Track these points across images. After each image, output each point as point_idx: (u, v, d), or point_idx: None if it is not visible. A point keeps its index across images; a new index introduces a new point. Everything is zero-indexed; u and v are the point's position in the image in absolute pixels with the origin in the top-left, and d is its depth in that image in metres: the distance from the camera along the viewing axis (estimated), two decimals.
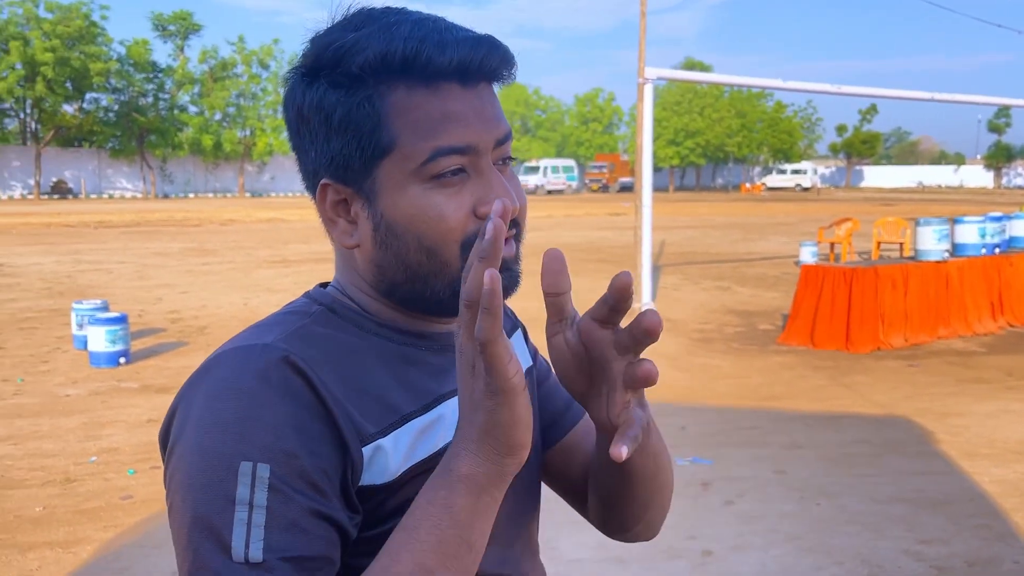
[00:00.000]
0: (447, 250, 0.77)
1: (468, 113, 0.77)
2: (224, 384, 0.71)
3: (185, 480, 0.70)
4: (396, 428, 0.76)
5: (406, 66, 0.75)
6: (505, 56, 0.79)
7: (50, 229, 22.45)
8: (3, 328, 8.38)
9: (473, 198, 0.77)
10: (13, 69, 43.16)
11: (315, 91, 0.77)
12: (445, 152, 0.75)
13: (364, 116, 0.76)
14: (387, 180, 0.77)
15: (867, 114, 77.19)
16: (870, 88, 11.04)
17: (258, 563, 0.66)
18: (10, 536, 3.62)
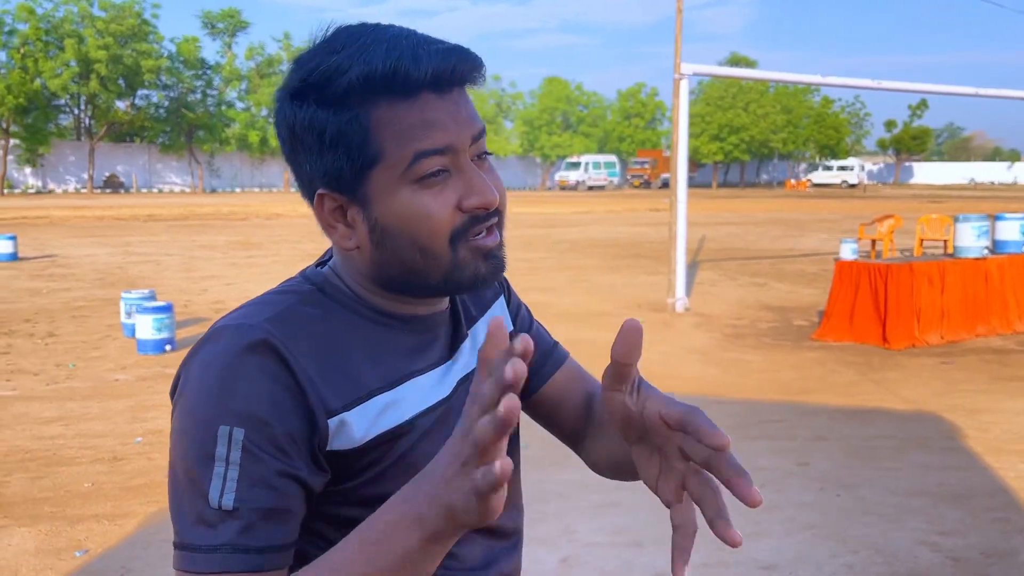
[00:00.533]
0: (438, 245, 0.86)
1: (444, 118, 0.85)
2: (214, 357, 0.83)
3: (178, 437, 0.83)
4: (361, 403, 0.86)
5: (387, 83, 0.83)
6: (475, 63, 0.87)
7: (103, 222, 23.12)
8: (57, 316, 8.73)
9: (456, 194, 0.85)
10: (68, 66, 44.39)
11: (305, 111, 0.85)
12: (426, 154, 0.84)
13: (353, 132, 0.84)
14: (378, 187, 0.85)
15: (917, 109, 75.60)
16: (912, 83, 10.90)
17: (229, 510, 0.79)
18: (61, 509, 3.83)
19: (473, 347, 1.00)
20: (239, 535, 0.80)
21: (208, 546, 0.79)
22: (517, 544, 1.04)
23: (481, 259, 0.89)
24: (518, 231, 20.61)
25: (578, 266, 13.28)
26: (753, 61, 69.11)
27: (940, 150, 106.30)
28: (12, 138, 44.72)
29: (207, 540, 0.79)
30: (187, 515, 0.81)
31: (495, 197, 0.87)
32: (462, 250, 0.87)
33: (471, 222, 0.87)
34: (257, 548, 0.80)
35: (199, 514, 0.80)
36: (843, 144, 68.58)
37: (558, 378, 1.09)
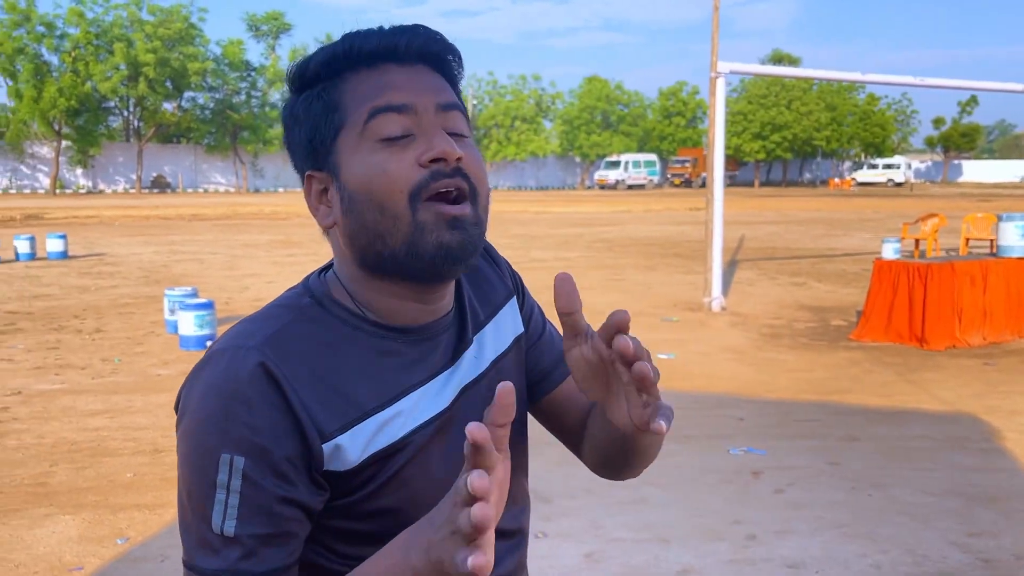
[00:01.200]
0: (396, 202, 0.85)
1: (403, 82, 0.88)
2: (214, 383, 0.85)
3: (182, 460, 0.86)
4: (355, 425, 0.87)
5: (347, 58, 0.89)
6: (430, 36, 0.90)
7: (149, 221, 23.64)
8: (104, 313, 8.98)
9: (416, 152, 0.86)
10: (117, 69, 45.42)
11: (288, 104, 0.93)
12: (382, 109, 0.86)
13: (321, 105, 0.89)
14: (344, 150, 0.88)
15: (967, 106, 73.90)
16: (956, 80, 10.70)
17: (231, 537, 0.83)
18: (104, 498, 3.97)
19: (479, 355, 0.99)
20: (240, 560, 0.83)
21: (211, 570, 0.83)
22: (520, 543, 1.04)
23: (444, 226, 0.86)
24: (555, 230, 20.61)
25: (614, 265, 13.27)
26: (796, 58, 68.15)
27: (991, 148, 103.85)
28: (64, 140, 45.89)
29: (210, 564, 0.83)
30: (192, 536, 0.85)
31: (455, 150, 0.85)
32: (422, 211, 0.85)
33: (431, 177, 0.85)
34: (257, 572, 0.83)
35: (202, 537, 0.84)
36: (889, 142, 67.31)
37: (567, 385, 1.09)
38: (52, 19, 44.77)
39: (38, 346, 7.30)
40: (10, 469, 4.33)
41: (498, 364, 1.00)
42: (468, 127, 0.92)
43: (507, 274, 1.09)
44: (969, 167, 79.30)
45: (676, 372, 6.43)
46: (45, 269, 12.84)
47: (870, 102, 66.14)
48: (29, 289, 10.73)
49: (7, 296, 10.14)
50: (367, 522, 0.91)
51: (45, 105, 43.29)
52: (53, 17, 44.86)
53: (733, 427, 5.07)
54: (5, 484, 4.12)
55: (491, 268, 1.07)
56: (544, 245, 16.58)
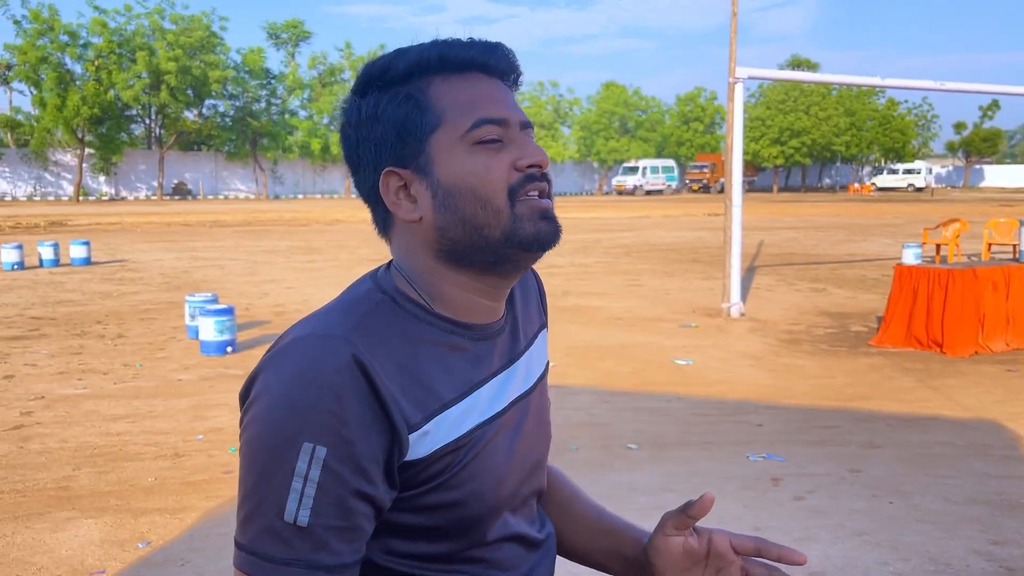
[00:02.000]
0: (497, 197, 0.92)
1: (498, 95, 0.95)
2: (300, 370, 0.85)
3: (257, 442, 0.85)
4: (437, 415, 0.90)
5: (440, 63, 0.93)
6: (515, 61, 0.98)
7: (170, 228, 23.86)
8: (126, 318, 9.07)
9: (511, 156, 0.93)
10: (140, 78, 45.90)
11: (368, 100, 0.95)
12: (486, 121, 0.92)
13: (413, 104, 0.93)
14: (438, 150, 0.92)
15: (988, 110, 73.21)
16: (977, 84, 10.59)
17: (303, 528, 0.83)
18: (125, 502, 4.00)
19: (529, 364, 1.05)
20: (312, 552, 0.83)
21: (282, 559, 0.83)
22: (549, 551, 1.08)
23: (539, 217, 0.94)
24: (573, 236, 20.60)
25: (632, 271, 13.24)
26: (815, 63, 67.78)
27: (1013, 152, 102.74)
28: (87, 147, 46.43)
29: (280, 553, 0.83)
30: (257, 523, 0.84)
31: (546, 157, 0.95)
32: (520, 205, 0.93)
33: (526, 180, 0.93)
34: (328, 566, 0.84)
35: (270, 524, 0.83)
36: (909, 147, 66.75)
37: None
38: (75, 28, 45.34)
39: (61, 351, 7.39)
40: (33, 472, 4.38)
41: (541, 380, 1.08)
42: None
43: (545, 310, 1.16)
44: (991, 172, 78.46)
45: (695, 378, 6.41)
46: (68, 275, 12.99)
47: (890, 107, 65.65)
48: (53, 295, 10.86)
49: (31, 302, 10.27)
50: (426, 515, 0.92)
51: (68, 113, 43.82)
52: (76, 26, 45.44)
53: (752, 433, 5.04)
54: (28, 487, 4.17)
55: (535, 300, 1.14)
56: (561, 251, 16.57)
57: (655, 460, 4.57)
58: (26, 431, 5.09)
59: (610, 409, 5.60)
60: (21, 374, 6.55)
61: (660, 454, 4.68)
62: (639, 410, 5.54)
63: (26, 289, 11.41)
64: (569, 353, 7.19)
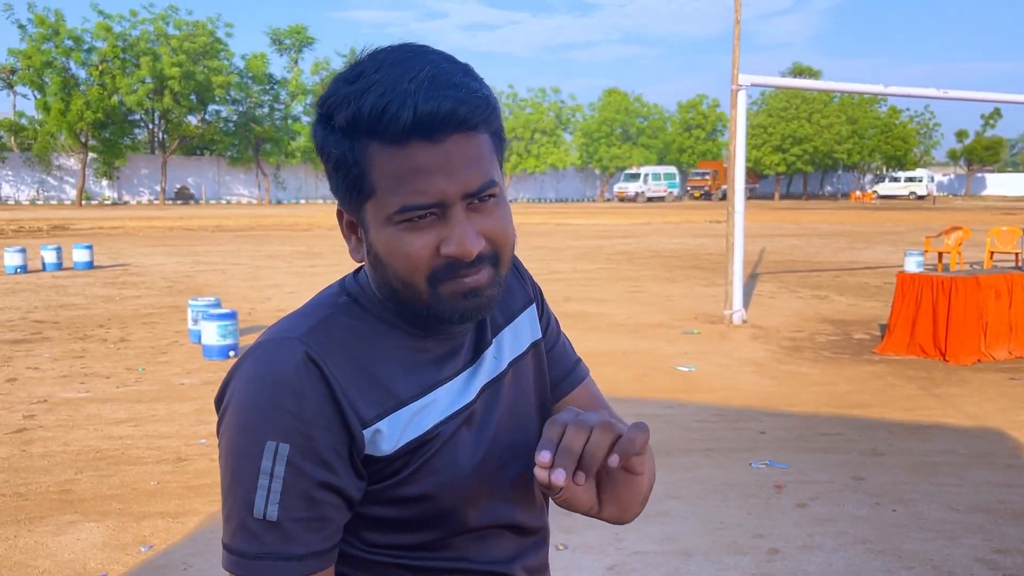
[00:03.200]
0: (416, 282, 0.90)
1: (434, 168, 0.85)
2: (259, 373, 0.90)
3: (228, 446, 0.91)
4: (392, 412, 0.92)
5: (373, 127, 0.85)
6: (471, 109, 0.86)
7: (173, 232, 23.89)
8: (129, 322, 9.07)
9: (438, 238, 0.88)
10: (143, 83, 46.03)
11: (320, 133, 0.91)
12: (411, 208, 0.86)
13: (350, 164, 0.88)
14: (371, 218, 0.90)
15: (990, 119, 73.30)
16: (979, 92, 10.61)
17: (273, 522, 0.87)
18: (127, 506, 4.00)
19: (497, 354, 1.04)
20: (282, 544, 0.87)
21: (253, 553, 0.87)
22: (543, 541, 1.10)
23: (461, 297, 0.90)
24: (575, 242, 20.60)
25: (634, 277, 13.24)
26: (817, 71, 67.87)
27: (1015, 160, 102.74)
28: (90, 152, 46.52)
29: (252, 548, 0.87)
30: (233, 521, 0.88)
31: (473, 249, 0.88)
32: (442, 288, 0.90)
33: (448, 268, 0.89)
34: (298, 556, 0.88)
35: (243, 522, 0.87)
36: (911, 155, 66.80)
37: (573, 396, 1.13)
38: (80, 33, 45.50)
39: (64, 355, 7.39)
40: (36, 476, 4.38)
41: (516, 364, 1.06)
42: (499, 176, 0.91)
43: (529, 284, 1.13)
44: (993, 180, 78.48)
45: (697, 385, 6.41)
46: (71, 279, 13.00)
47: (892, 115, 65.74)
48: (55, 298, 10.88)
49: (34, 305, 10.28)
50: (397, 508, 0.95)
51: (72, 117, 43.93)
52: (81, 31, 45.60)
53: (755, 440, 5.04)
54: (31, 491, 4.17)
55: (515, 278, 1.12)
56: (563, 257, 16.58)
57: (658, 467, 4.56)
58: (28, 434, 5.09)
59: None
60: (24, 377, 6.55)
61: (662, 461, 4.67)
62: (641, 416, 5.53)
63: (29, 293, 11.42)
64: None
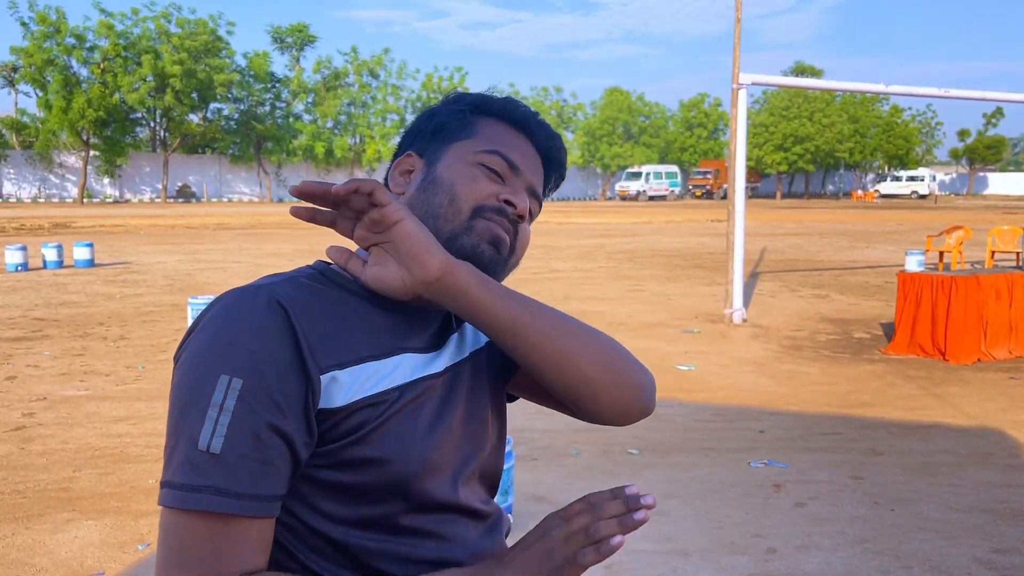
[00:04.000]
0: (465, 203, 1.01)
1: (528, 155, 1.08)
2: (222, 313, 0.91)
3: (178, 383, 0.90)
4: (352, 365, 0.93)
5: (502, 109, 1.09)
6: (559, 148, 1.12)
7: (174, 230, 23.89)
8: (129, 320, 9.08)
9: (499, 189, 1.04)
10: (145, 81, 46.02)
11: (432, 107, 1.12)
12: (501, 155, 1.05)
13: (460, 118, 1.08)
14: (451, 152, 1.05)
15: (992, 118, 73.19)
16: (981, 91, 10.58)
17: (216, 454, 0.86)
18: (125, 504, 4.00)
19: (460, 343, 1.08)
20: (223, 479, 0.85)
21: (191, 485, 0.85)
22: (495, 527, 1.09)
23: (488, 241, 1.01)
24: (576, 240, 20.59)
25: (635, 276, 13.23)
26: (819, 70, 67.79)
27: (1017, 160, 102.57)
28: (92, 150, 46.53)
29: (191, 480, 0.85)
30: (176, 456, 0.87)
31: (526, 207, 1.04)
32: (479, 220, 1.01)
33: (497, 209, 1.02)
34: (237, 493, 0.86)
35: (187, 456, 0.86)
36: (913, 154, 66.72)
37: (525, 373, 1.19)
38: (82, 31, 45.47)
39: (64, 353, 7.39)
40: (34, 474, 4.38)
41: (475, 356, 1.10)
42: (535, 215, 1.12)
43: None
44: (995, 179, 78.38)
45: (696, 384, 6.40)
46: (72, 277, 13.01)
47: (894, 114, 65.64)
48: (56, 296, 10.88)
49: (34, 303, 10.28)
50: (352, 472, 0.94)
51: (74, 116, 43.93)
52: (83, 29, 45.57)
53: (754, 440, 5.03)
54: (29, 489, 4.17)
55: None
56: (565, 256, 16.57)
57: (656, 466, 4.56)
58: (28, 432, 5.09)
59: None
60: (24, 375, 6.55)
61: (661, 460, 4.67)
62: None
63: (29, 290, 11.43)
64: None
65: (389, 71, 56.71)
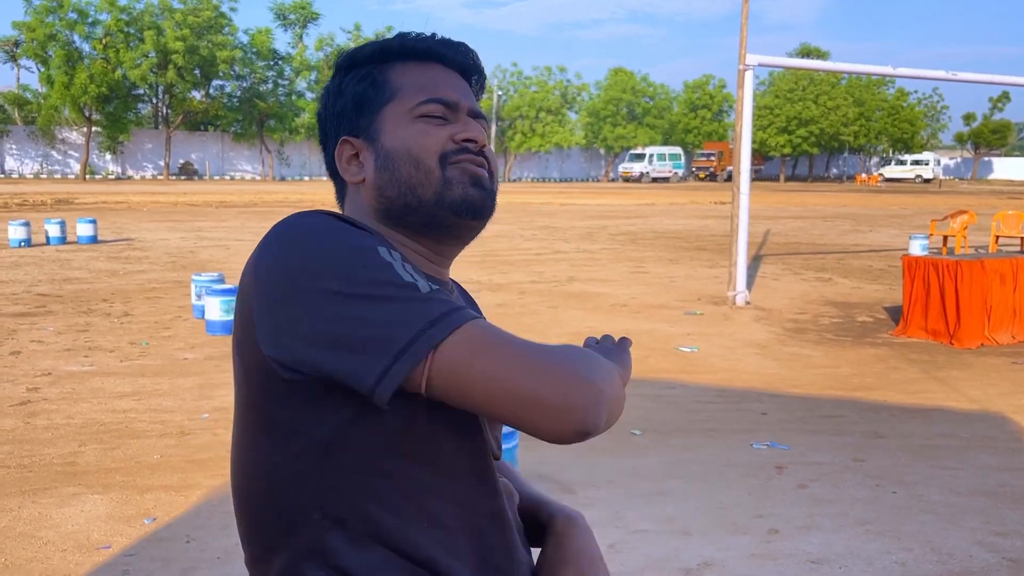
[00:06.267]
0: (429, 159, 0.99)
1: (451, 82, 1.05)
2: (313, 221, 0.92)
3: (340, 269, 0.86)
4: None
5: (400, 51, 1.04)
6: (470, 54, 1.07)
7: (177, 208, 23.87)
8: (132, 297, 9.09)
9: (451, 131, 1.02)
10: (147, 57, 45.79)
11: (333, 83, 1.07)
12: (435, 100, 1.02)
13: (371, 81, 1.04)
14: (387, 120, 1.02)
15: (998, 102, 72.73)
16: (989, 75, 10.51)
17: (435, 290, 0.89)
18: (131, 479, 4.02)
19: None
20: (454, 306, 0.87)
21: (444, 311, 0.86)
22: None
23: (469, 182, 1.01)
24: (579, 222, 20.55)
25: (638, 258, 13.22)
26: (825, 52, 67.36)
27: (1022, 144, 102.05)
28: (94, 126, 46.39)
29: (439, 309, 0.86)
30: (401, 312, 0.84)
31: (483, 136, 1.03)
32: (451, 169, 1.00)
33: (459, 150, 1.01)
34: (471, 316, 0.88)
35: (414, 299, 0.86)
36: (917, 138, 66.41)
37: None
38: (84, 6, 45.18)
39: (68, 328, 7.41)
40: (40, 448, 4.40)
41: None
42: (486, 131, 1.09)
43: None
44: (1000, 164, 78.02)
45: (699, 366, 6.41)
46: (75, 253, 13.01)
47: (899, 97, 65.29)
48: (59, 272, 10.89)
49: (38, 279, 10.29)
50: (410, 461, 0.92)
51: (76, 91, 43.75)
52: (85, 4, 45.28)
53: (756, 421, 5.04)
54: (35, 463, 4.19)
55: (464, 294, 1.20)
56: (567, 237, 16.55)
57: (659, 446, 4.58)
58: (33, 407, 5.12)
59: None
60: (28, 350, 6.57)
61: (664, 441, 4.68)
62: (643, 396, 5.54)
63: (33, 266, 11.44)
64: (573, 339, 7.19)
65: None
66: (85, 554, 3.27)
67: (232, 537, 3.41)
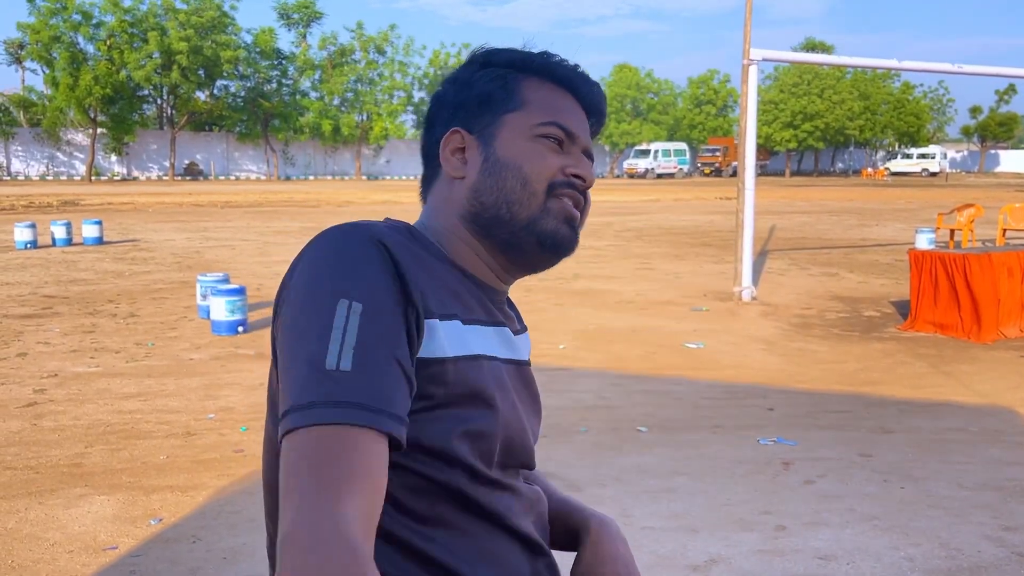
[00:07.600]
0: (538, 184, 1.00)
1: (578, 115, 1.06)
2: (335, 242, 0.91)
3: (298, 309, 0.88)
4: (449, 320, 0.94)
5: (540, 67, 1.05)
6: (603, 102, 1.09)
7: (182, 208, 23.91)
8: (138, 298, 9.10)
9: (564, 161, 1.03)
10: (151, 58, 45.90)
11: (470, 69, 1.07)
12: (559, 125, 1.03)
13: (503, 85, 1.04)
14: (506, 128, 1.02)
15: (1004, 95, 72.45)
16: (995, 67, 10.45)
17: (347, 371, 0.83)
18: (137, 480, 4.02)
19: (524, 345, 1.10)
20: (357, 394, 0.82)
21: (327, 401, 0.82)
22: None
23: (564, 221, 1.02)
24: None
25: (643, 254, 13.20)
26: (829, 46, 67.15)
27: None
28: (99, 127, 46.51)
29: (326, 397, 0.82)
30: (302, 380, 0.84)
31: (592, 176, 1.05)
32: (553, 200, 1.01)
33: (567, 183, 1.02)
34: (374, 408, 0.83)
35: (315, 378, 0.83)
36: (924, 131, 66.17)
37: None
38: (88, 7, 45.30)
39: (74, 330, 7.42)
40: (46, 449, 4.41)
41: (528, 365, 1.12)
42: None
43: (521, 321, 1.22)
44: (1006, 157, 77.68)
45: (705, 362, 6.39)
46: (81, 254, 13.04)
47: (905, 91, 65.06)
48: (65, 274, 10.91)
49: (44, 280, 10.32)
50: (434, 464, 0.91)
51: (81, 93, 43.86)
52: (89, 6, 45.40)
53: (763, 417, 5.03)
54: (41, 464, 4.20)
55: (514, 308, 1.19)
56: None
57: (665, 443, 4.57)
58: (39, 408, 5.13)
59: (620, 392, 5.59)
60: (34, 352, 6.59)
61: (670, 437, 4.67)
62: (649, 393, 5.53)
63: (39, 268, 11.47)
64: (579, 336, 7.18)
65: (396, 47, 56.43)
66: (92, 555, 3.27)
67: (239, 537, 3.41)
